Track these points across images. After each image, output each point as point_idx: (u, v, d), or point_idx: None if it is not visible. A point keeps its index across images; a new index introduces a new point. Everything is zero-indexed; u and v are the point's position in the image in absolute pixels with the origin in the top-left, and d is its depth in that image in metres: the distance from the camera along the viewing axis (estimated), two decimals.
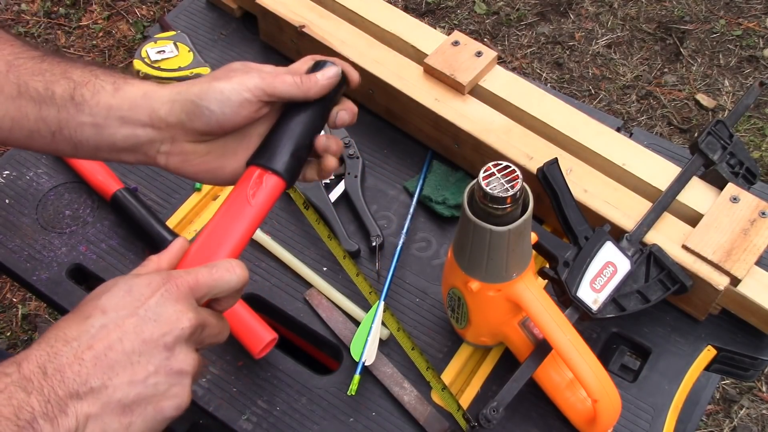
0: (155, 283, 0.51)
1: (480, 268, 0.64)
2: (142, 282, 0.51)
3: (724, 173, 0.79)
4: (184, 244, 0.57)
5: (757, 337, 0.77)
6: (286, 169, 0.59)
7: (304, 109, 0.61)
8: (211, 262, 0.55)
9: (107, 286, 0.52)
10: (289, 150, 0.59)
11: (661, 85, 1.89)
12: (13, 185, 0.88)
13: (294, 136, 0.60)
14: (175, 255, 0.56)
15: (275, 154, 0.59)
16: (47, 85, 0.60)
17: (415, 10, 2.04)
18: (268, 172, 0.59)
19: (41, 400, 0.45)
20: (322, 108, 0.62)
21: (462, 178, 0.88)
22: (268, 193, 0.59)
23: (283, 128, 0.61)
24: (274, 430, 0.72)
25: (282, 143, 0.60)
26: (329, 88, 0.62)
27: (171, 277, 0.52)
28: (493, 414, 0.67)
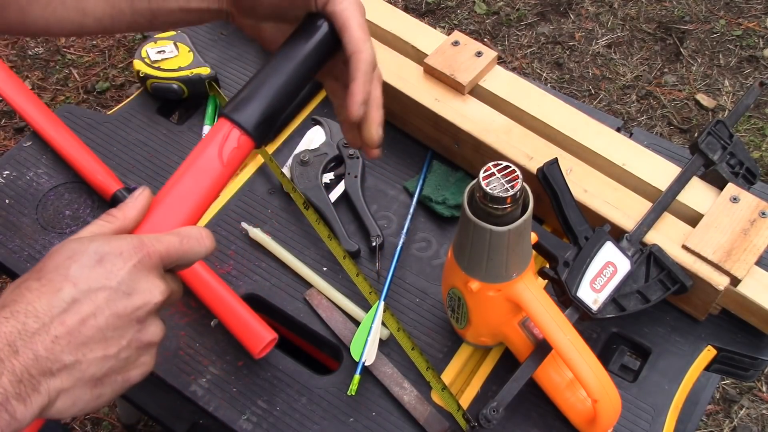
0: (127, 252, 0.50)
1: (480, 268, 0.64)
2: (113, 250, 0.50)
3: (724, 173, 0.79)
4: (148, 198, 0.56)
5: (757, 337, 0.77)
6: (256, 127, 0.57)
7: (288, 60, 0.59)
8: (181, 230, 0.54)
9: (74, 250, 0.49)
10: (261, 107, 0.58)
11: (661, 85, 1.89)
12: (13, 185, 0.88)
13: (272, 91, 0.58)
14: (140, 211, 0.55)
15: (247, 108, 0.57)
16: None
17: (415, 10, 2.04)
18: (239, 130, 0.57)
19: (13, 380, 0.44)
20: (309, 62, 0.60)
21: (462, 178, 0.88)
22: (239, 154, 0.57)
23: (261, 80, 0.59)
24: (274, 430, 0.72)
25: (256, 97, 0.58)
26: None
27: (143, 246, 0.51)
28: (493, 414, 0.67)
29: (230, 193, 0.88)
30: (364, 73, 0.60)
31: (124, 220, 0.54)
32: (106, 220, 0.53)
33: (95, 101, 1.87)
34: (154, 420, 0.96)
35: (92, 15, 0.63)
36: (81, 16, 0.63)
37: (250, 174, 0.89)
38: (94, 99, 1.88)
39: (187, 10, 0.64)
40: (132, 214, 0.54)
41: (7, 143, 1.79)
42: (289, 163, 0.88)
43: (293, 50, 0.60)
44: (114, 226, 0.53)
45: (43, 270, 0.49)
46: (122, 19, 0.64)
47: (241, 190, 0.88)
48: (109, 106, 1.85)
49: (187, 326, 0.78)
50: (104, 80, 1.90)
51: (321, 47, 0.61)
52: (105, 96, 1.89)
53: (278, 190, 0.88)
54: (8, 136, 1.81)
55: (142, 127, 0.94)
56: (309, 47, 0.60)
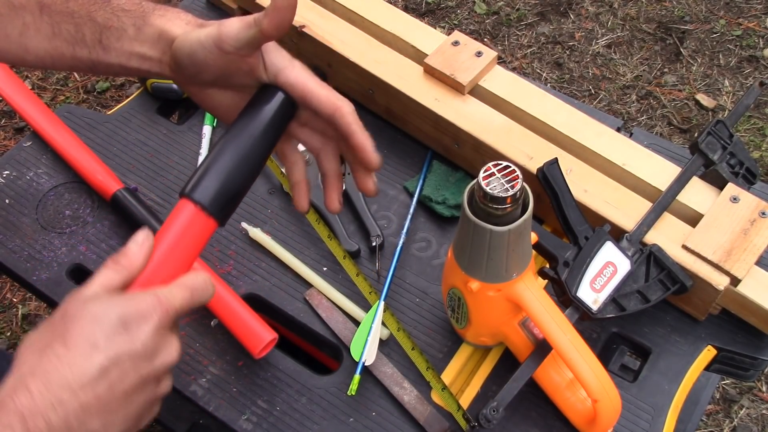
0: (148, 314, 0.51)
1: (480, 268, 0.64)
2: (136, 313, 0.51)
3: (724, 173, 0.79)
4: (152, 242, 0.55)
5: (757, 337, 0.77)
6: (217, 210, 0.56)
7: (243, 135, 0.59)
8: (188, 281, 0.55)
9: (97, 315, 0.50)
10: (218, 184, 0.56)
11: (661, 85, 1.89)
12: (13, 185, 0.88)
13: (227, 167, 0.57)
14: (146, 258, 0.55)
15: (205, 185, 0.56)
16: (77, 28, 0.62)
17: (415, 10, 2.04)
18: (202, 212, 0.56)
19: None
20: (266, 137, 0.60)
21: (462, 178, 0.88)
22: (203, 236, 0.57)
23: (216, 157, 0.58)
24: (274, 430, 0.72)
25: (211, 174, 0.57)
26: (288, 13, 0.56)
27: (161, 304, 0.52)
28: (493, 414, 0.67)
29: None
30: (356, 123, 0.60)
31: (131, 269, 0.54)
32: (114, 270, 0.54)
33: (95, 101, 1.87)
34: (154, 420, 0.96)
35: (34, 53, 0.63)
36: (23, 52, 0.64)
37: None
38: (94, 99, 1.88)
39: (126, 67, 0.63)
40: (138, 263, 0.54)
41: (7, 143, 1.79)
42: None
43: (251, 125, 0.59)
44: (122, 276, 0.53)
45: (68, 335, 0.49)
46: (63, 61, 0.64)
47: None
48: (109, 106, 1.85)
49: (187, 326, 0.78)
50: (104, 80, 1.90)
51: (279, 119, 0.60)
52: (105, 96, 1.89)
53: (278, 190, 0.88)
54: (8, 136, 1.81)
55: (142, 127, 0.94)
56: (267, 120, 0.59)
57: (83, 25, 0.62)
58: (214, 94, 0.63)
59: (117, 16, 0.62)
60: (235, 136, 0.58)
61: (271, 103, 0.60)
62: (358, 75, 0.90)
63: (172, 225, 0.56)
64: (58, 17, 0.63)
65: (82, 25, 0.62)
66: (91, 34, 0.62)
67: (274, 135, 0.61)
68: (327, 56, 0.92)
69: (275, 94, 0.60)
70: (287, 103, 0.60)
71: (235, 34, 0.57)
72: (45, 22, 0.63)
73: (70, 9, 0.62)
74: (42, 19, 0.63)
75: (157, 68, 0.62)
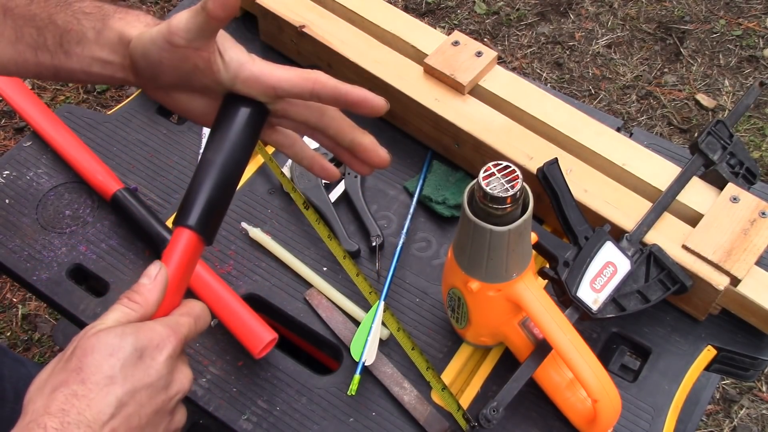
0: (162, 344, 0.51)
1: (480, 268, 0.64)
2: (150, 344, 0.50)
3: (724, 173, 0.79)
4: (166, 279, 0.55)
5: (757, 337, 0.77)
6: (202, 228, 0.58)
7: (218, 154, 0.59)
8: (191, 311, 0.55)
9: (113, 346, 0.49)
10: (202, 205, 0.58)
11: (661, 85, 1.89)
12: (13, 185, 0.88)
13: (210, 191, 0.58)
14: (161, 294, 0.54)
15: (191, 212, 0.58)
16: (39, 32, 0.61)
17: (415, 10, 2.04)
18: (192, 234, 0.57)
19: None
20: (240, 149, 0.60)
21: (462, 178, 0.88)
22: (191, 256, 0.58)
23: (200, 181, 0.59)
24: (274, 430, 0.72)
25: (199, 200, 0.58)
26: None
27: (172, 334, 0.52)
28: (493, 414, 0.67)
29: None
30: (340, 82, 0.59)
31: (147, 306, 0.53)
32: (130, 308, 0.53)
33: (95, 101, 1.88)
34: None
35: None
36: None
37: (250, 174, 0.89)
38: (94, 99, 1.88)
39: (89, 73, 0.62)
40: (153, 299, 0.54)
41: (7, 143, 1.79)
42: (289, 163, 0.88)
43: (224, 142, 0.59)
44: (138, 314, 0.53)
45: (83, 370, 0.48)
46: (27, 68, 0.63)
47: (241, 190, 0.88)
48: (109, 106, 1.85)
49: None
50: None
51: (250, 128, 0.60)
52: (105, 96, 1.89)
53: (278, 190, 0.88)
54: (8, 136, 1.81)
55: (142, 127, 0.94)
56: (238, 133, 0.60)
57: (45, 29, 0.61)
58: (181, 98, 0.62)
59: (77, 19, 0.60)
60: (212, 156, 0.59)
61: (238, 114, 0.60)
62: (358, 75, 0.90)
63: (173, 254, 0.57)
64: (20, 21, 0.61)
65: (43, 29, 0.61)
66: (53, 38, 0.61)
67: (249, 144, 0.61)
68: (327, 56, 0.92)
69: (241, 103, 0.59)
70: (255, 109, 0.60)
71: (184, 24, 0.55)
72: (8, 26, 0.62)
73: (32, 12, 0.61)
74: (5, 23, 0.62)
75: (121, 74, 0.61)
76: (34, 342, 1.53)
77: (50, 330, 1.53)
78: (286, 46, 0.97)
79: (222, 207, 0.59)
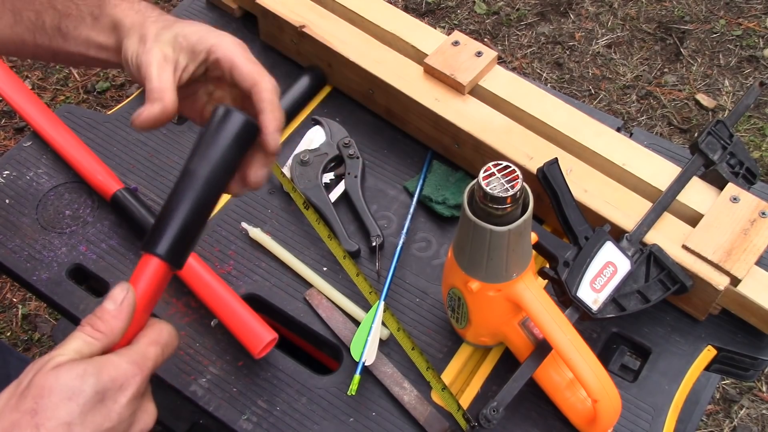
0: (125, 383, 0.48)
1: (480, 268, 0.64)
2: (113, 385, 0.47)
3: (724, 173, 0.79)
4: (133, 305, 0.52)
5: (757, 337, 0.77)
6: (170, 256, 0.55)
7: (198, 175, 0.57)
8: (159, 338, 0.52)
9: (71, 389, 0.45)
10: (173, 234, 0.55)
11: (661, 85, 1.89)
12: (13, 185, 0.88)
13: (184, 218, 0.56)
14: (126, 322, 0.51)
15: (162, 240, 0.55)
16: (38, 15, 0.63)
17: (415, 10, 2.04)
18: (159, 261, 0.55)
19: None
20: (223, 172, 0.58)
21: (462, 178, 0.88)
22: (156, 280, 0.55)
23: (173, 207, 0.56)
24: (274, 430, 0.72)
25: (171, 227, 0.55)
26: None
27: (138, 371, 0.49)
28: (493, 414, 0.67)
29: None
30: (270, 103, 0.58)
31: (111, 336, 0.50)
32: (93, 338, 0.49)
33: (95, 101, 1.87)
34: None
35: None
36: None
37: None
38: (94, 99, 1.88)
39: (86, 56, 0.63)
40: (119, 328, 0.51)
41: (7, 143, 1.79)
42: (289, 163, 0.88)
43: (206, 163, 0.56)
44: (101, 344, 0.49)
45: (38, 413, 0.45)
46: (25, 48, 0.65)
47: None
48: (109, 106, 1.85)
49: (187, 326, 0.78)
50: (104, 80, 1.90)
51: (237, 149, 0.57)
52: (105, 96, 1.89)
53: (278, 190, 0.88)
54: (8, 136, 1.81)
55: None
56: (223, 154, 0.57)
57: (44, 13, 0.63)
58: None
59: (76, 5, 0.62)
60: (193, 172, 0.56)
61: (229, 130, 0.57)
62: (358, 75, 0.90)
63: (140, 280, 0.54)
64: (19, 4, 0.63)
65: (42, 13, 0.63)
66: (51, 22, 0.62)
67: (234, 164, 0.58)
68: (327, 56, 0.92)
69: (234, 119, 0.57)
70: (246, 128, 0.58)
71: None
72: (7, 9, 0.63)
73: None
74: (4, 6, 0.63)
75: (116, 59, 0.62)
76: (34, 342, 1.53)
77: (50, 330, 1.53)
78: (286, 46, 0.97)
79: (196, 234, 0.57)
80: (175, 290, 0.80)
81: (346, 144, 0.89)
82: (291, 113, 0.94)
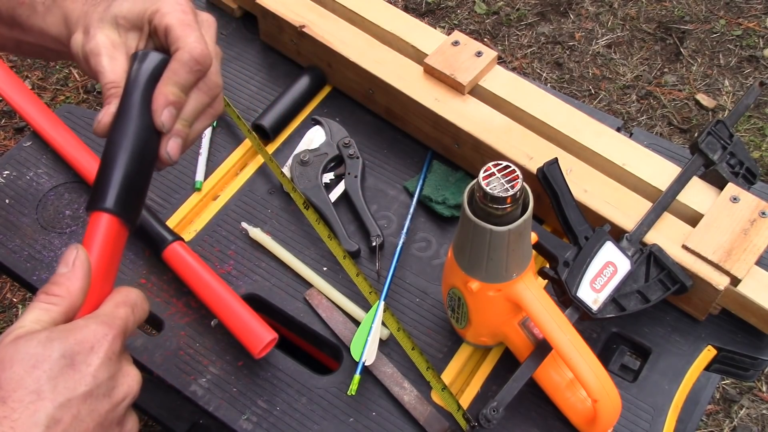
0: (97, 343, 0.44)
1: (480, 268, 0.64)
2: (82, 348, 0.44)
3: (724, 173, 0.79)
4: (87, 262, 0.49)
5: (757, 337, 0.77)
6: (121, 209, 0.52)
7: (128, 124, 0.54)
8: (127, 299, 0.49)
9: (35, 357, 0.42)
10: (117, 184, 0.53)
11: (661, 85, 1.89)
12: (13, 185, 0.88)
13: (124, 166, 0.53)
14: (83, 280, 0.48)
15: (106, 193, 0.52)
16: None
17: (415, 10, 2.04)
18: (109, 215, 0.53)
19: None
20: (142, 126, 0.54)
21: (462, 178, 0.88)
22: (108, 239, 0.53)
23: (105, 165, 0.54)
24: (274, 430, 0.72)
25: (113, 179, 0.53)
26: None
27: (108, 330, 0.45)
28: (493, 414, 0.67)
29: (230, 193, 0.88)
30: (170, 73, 0.53)
31: (70, 297, 0.47)
32: (51, 303, 0.46)
33: (95, 101, 1.87)
34: (154, 420, 0.96)
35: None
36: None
37: (250, 174, 0.89)
38: (94, 99, 1.88)
39: (45, 47, 0.61)
40: (76, 287, 0.47)
41: (7, 143, 1.79)
42: (289, 163, 0.89)
43: (133, 108, 0.54)
44: (62, 308, 0.46)
45: (2, 387, 0.41)
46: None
47: (241, 190, 0.88)
48: None
49: (187, 326, 0.78)
50: None
51: (155, 84, 0.54)
52: None
53: (278, 190, 0.88)
54: (8, 136, 1.81)
55: None
56: (149, 95, 0.54)
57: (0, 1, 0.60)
58: None
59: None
60: (120, 127, 0.53)
61: (142, 71, 0.54)
62: (358, 75, 0.90)
63: (93, 241, 0.51)
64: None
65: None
66: (6, 10, 0.60)
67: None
68: (327, 56, 0.92)
69: (152, 59, 0.54)
70: (163, 65, 0.55)
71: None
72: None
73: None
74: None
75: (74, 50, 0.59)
76: None
77: None
78: (286, 46, 0.97)
79: (141, 181, 0.54)
80: (175, 290, 0.80)
81: (346, 144, 0.89)
82: (291, 113, 0.94)
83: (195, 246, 0.83)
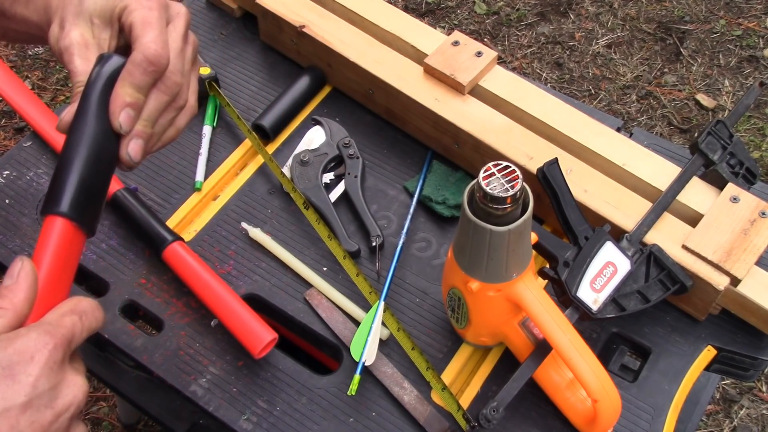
0: (38, 353, 0.43)
1: (480, 268, 0.64)
2: (21, 357, 0.42)
3: (724, 173, 0.79)
4: (33, 273, 0.47)
5: (757, 337, 0.77)
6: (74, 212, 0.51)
7: (87, 127, 0.53)
8: (75, 306, 0.48)
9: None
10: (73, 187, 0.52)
11: (661, 85, 1.89)
12: (13, 185, 0.88)
13: (79, 169, 0.52)
14: (29, 291, 0.47)
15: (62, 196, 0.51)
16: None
17: (415, 10, 2.04)
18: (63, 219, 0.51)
19: None
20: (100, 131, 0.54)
21: (462, 178, 0.88)
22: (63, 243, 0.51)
23: (60, 168, 0.53)
24: (274, 430, 0.72)
25: (68, 183, 0.52)
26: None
27: (50, 338, 0.44)
28: (493, 414, 0.67)
29: (230, 193, 0.88)
30: (128, 73, 0.52)
31: (15, 309, 0.46)
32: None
33: None
34: (154, 420, 0.96)
35: None
36: None
37: (250, 174, 0.89)
38: None
39: (29, 34, 0.60)
40: (20, 298, 0.46)
41: (7, 143, 1.79)
42: (289, 163, 0.89)
43: (92, 110, 0.53)
44: (6, 320, 0.45)
45: None
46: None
47: (241, 190, 0.88)
48: None
49: (187, 326, 0.78)
50: None
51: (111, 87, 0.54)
52: None
53: (278, 190, 0.88)
54: (8, 136, 1.81)
55: None
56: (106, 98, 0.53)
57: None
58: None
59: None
60: (76, 130, 0.53)
61: (101, 75, 0.53)
62: (358, 75, 0.90)
63: (45, 248, 0.50)
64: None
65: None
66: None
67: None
68: (327, 56, 0.92)
69: (107, 64, 0.54)
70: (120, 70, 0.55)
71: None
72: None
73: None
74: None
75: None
76: None
77: None
78: (286, 46, 0.97)
79: (97, 184, 0.53)
80: (175, 290, 0.80)
81: (346, 144, 0.89)
82: (291, 113, 0.94)
83: (195, 246, 0.83)
